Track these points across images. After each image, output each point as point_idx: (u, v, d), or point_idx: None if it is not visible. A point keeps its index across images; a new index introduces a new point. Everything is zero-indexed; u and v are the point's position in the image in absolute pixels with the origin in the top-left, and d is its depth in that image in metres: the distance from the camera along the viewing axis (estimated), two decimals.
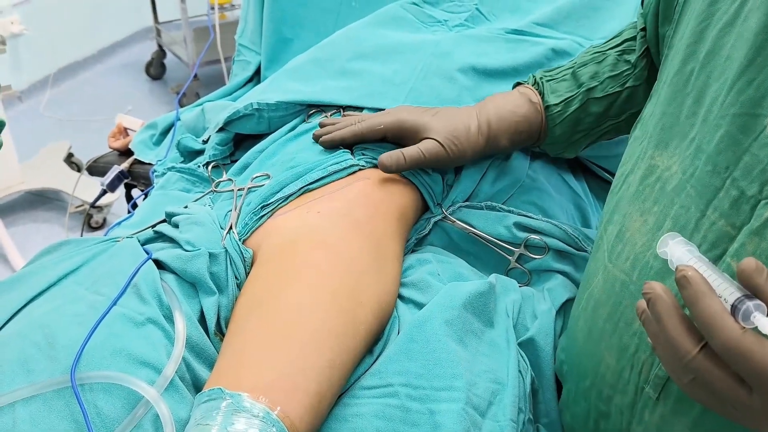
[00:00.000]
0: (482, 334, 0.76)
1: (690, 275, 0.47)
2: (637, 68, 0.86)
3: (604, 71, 0.87)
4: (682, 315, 0.49)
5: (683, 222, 0.58)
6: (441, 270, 0.84)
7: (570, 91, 0.87)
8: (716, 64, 0.59)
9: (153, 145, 1.32)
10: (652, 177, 0.64)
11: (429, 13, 1.14)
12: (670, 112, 0.64)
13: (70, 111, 3.40)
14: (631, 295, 0.63)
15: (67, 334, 0.65)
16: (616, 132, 0.91)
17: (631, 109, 0.87)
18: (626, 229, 0.66)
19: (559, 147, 0.91)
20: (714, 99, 0.58)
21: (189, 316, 0.71)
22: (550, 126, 0.88)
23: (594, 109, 0.87)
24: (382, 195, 0.85)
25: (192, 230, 0.78)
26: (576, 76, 0.88)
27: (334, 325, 0.68)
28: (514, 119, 0.87)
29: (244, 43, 1.38)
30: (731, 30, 0.58)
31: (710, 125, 0.57)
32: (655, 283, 0.51)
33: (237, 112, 1.02)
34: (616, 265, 0.66)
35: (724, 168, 0.55)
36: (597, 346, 0.67)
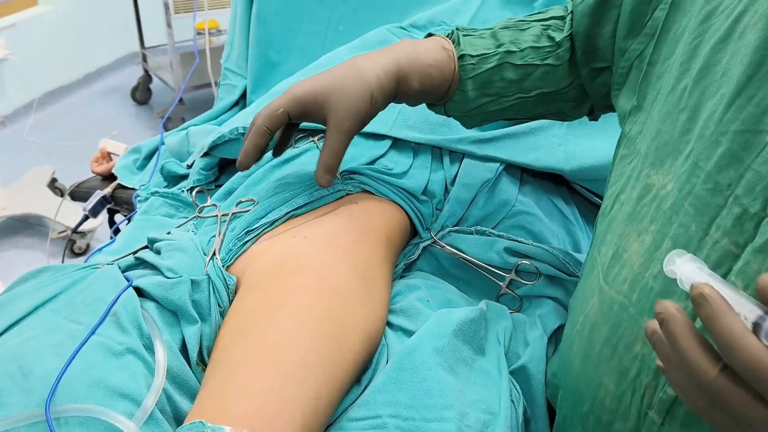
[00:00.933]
0: (473, 363, 0.74)
1: (707, 293, 0.45)
2: (561, 48, 0.82)
3: (526, 40, 0.83)
4: (698, 335, 0.47)
5: (684, 241, 0.57)
6: (430, 296, 0.82)
7: (487, 48, 0.83)
8: (711, 80, 0.58)
9: (137, 169, 1.31)
10: (648, 196, 0.63)
11: (416, 37, 1.14)
12: (665, 130, 0.63)
13: (55, 136, 3.38)
14: (631, 317, 0.62)
15: (42, 365, 0.63)
16: (520, 108, 0.86)
17: (543, 88, 0.84)
18: (623, 250, 0.65)
19: (464, 107, 0.85)
20: (710, 115, 0.57)
21: (170, 345, 0.68)
22: (462, 78, 0.83)
23: (508, 75, 0.83)
24: (369, 219, 0.84)
25: (174, 256, 0.76)
26: (496, 36, 0.84)
27: (319, 354, 0.66)
28: (426, 62, 0.81)
29: (229, 67, 1.37)
30: (725, 46, 0.58)
31: (707, 142, 0.56)
32: (667, 302, 0.48)
33: (222, 136, 1.01)
34: (613, 287, 0.65)
35: (725, 185, 0.54)
36: (595, 371, 0.66)
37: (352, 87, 0.79)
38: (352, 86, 0.79)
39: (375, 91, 0.80)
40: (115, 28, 3.96)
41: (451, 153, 0.99)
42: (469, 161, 0.98)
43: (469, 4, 1.15)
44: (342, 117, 0.79)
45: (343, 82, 0.79)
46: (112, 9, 3.85)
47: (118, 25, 3.94)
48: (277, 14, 1.28)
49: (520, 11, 1.15)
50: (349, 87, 0.79)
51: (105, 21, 3.89)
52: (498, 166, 0.98)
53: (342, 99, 0.79)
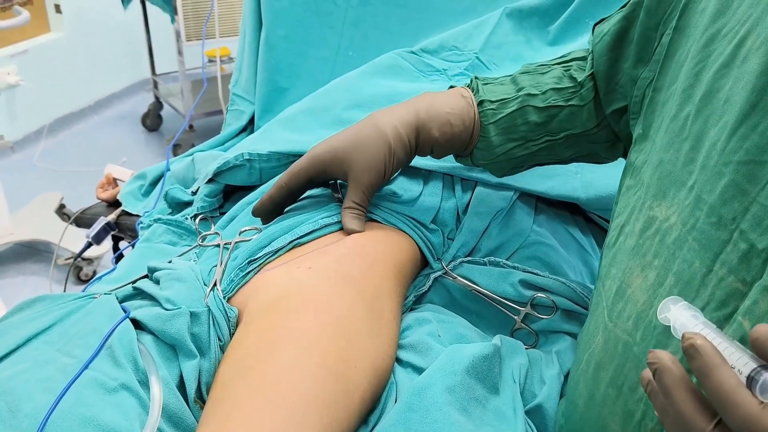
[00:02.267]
0: (487, 402, 0.70)
1: (699, 344, 0.43)
2: (584, 88, 0.81)
3: (547, 82, 0.82)
4: (692, 388, 0.44)
5: (687, 278, 0.54)
6: (442, 331, 0.78)
7: (507, 93, 0.83)
8: (714, 107, 0.55)
9: (141, 196, 1.29)
10: (651, 229, 0.60)
11: (427, 62, 1.11)
12: (668, 159, 0.60)
13: (64, 162, 3.38)
14: (635, 357, 0.58)
15: (31, 401, 0.60)
16: (549, 152, 0.84)
17: (570, 130, 0.82)
18: (626, 285, 0.62)
19: (490, 154, 0.84)
20: (713, 144, 0.54)
21: (167, 381, 0.65)
22: (484, 124, 0.82)
23: (532, 118, 0.81)
24: (377, 249, 0.80)
25: (173, 287, 0.73)
26: (516, 81, 0.84)
27: (324, 393, 0.62)
28: (445, 110, 0.82)
29: (237, 93, 1.35)
30: (728, 72, 0.55)
31: (711, 173, 0.53)
32: (661, 352, 0.46)
33: (227, 162, 0.98)
34: (618, 325, 0.61)
35: (730, 220, 0.51)
36: (599, 412, 0.62)
37: (370, 142, 0.81)
38: (370, 141, 0.81)
39: (393, 144, 0.81)
40: (127, 55, 3.99)
41: (463, 181, 0.96)
42: (482, 189, 0.95)
43: (481, 29, 1.13)
44: (360, 172, 0.81)
45: (360, 138, 0.81)
46: (124, 36, 3.88)
47: (129, 52, 3.97)
48: (286, 39, 1.27)
49: (533, 35, 1.13)
50: (366, 142, 0.81)
51: (116, 48, 3.91)
52: (512, 195, 0.95)
53: (360, 155, 0.81)
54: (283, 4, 1.27)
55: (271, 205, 0.86)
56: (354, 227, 0.81)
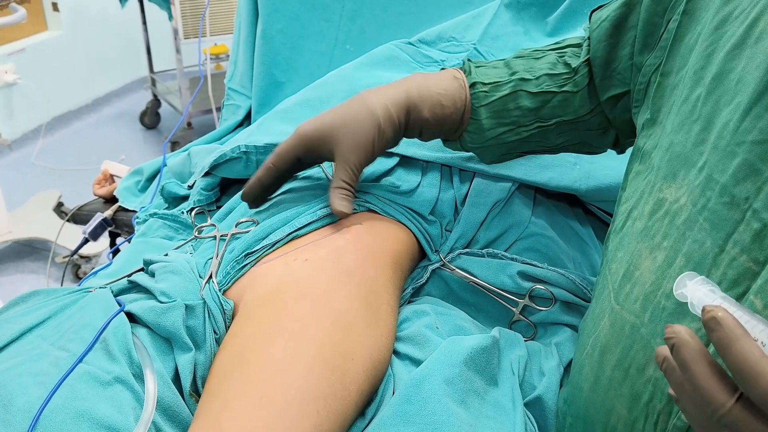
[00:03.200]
0: (485, 394, 0.69)
1: (720, 316, 0.41)
2: (578, 74, 0.80)
3: (541, 68, 0.81)
4: (712, 362, 0.43)
5: (698, 258, 0.53)
6: (440, 323, 0.77)
7: (500, 76, 0.81)
8: (726, 88, 0.55)
9: (138, 191, 1.28)
10: (660, 211, 0.59)
11: (425, 53, 1.10)
12: (678, 141, 0.59)
13: (62, 160, 3.37)
14: (643, 339, 0.58)
15: (24, 395, 0.59)
16: (540, 138, 0.83)
17: (562, 116, 0.81)
18: (634, 268, 0.61)
19: (481, 138, 0.83)
20: (725, 125, 0.54)
21: (161, 374, 0.64)
22: (475, 106, 0.81)
23: (524, 103, 0.80)
24: (374, 241, 0.79)
25: (168, 280, 0.72)
26: (509, 65, 0.83)
27: (320, 385, 0.61)
28: (436, 91, 0.80)
29: (233, 87, 1.34)
30: (740, 53, 0.54)
31: (722, 152, 0.53)
32: (678, 326, 0.44)
33: (224, 155, 0.97)
34: (625, 307, 0.61)
35: (743, 199, 0.51)
36: (606, 395, 0.62)
37: (358, 120, 0.79)
38: (359, 120, 0.79)
39: (383, 123, 0.79)
40: (125, 53, 3.98)
41: (462, 172, 0.95)
42: (480, 180, 0.94)
43: (479, 20, 1.12)
44: (348, 150, 0.79)
45: (349, 116, 0.79)
46: (122, 34, 3.87)
47: (127, 50, 3.96)
48: (283, 33, 1.26)
49: (531, 26, 1.12)
50: (355, 121, 0.79)
51: (114, 46, 3.90)
52: (510, 186, 0.94)
53: (348, 133, 0.78)
54: None
55: (259, 187, 0.83)
56: (342, 208, 0.79)
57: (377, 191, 0.88)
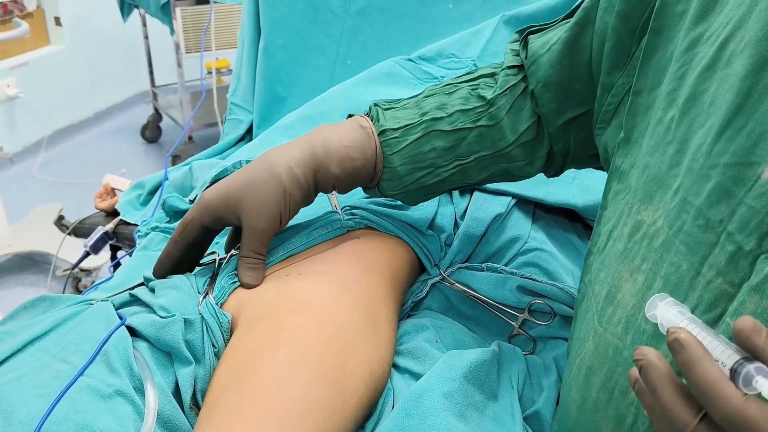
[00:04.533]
0: (485, 408, 0.69)
1: (683, 338, 0.43)
2: (494, 107, 0.78)
3: (453, 103, 0.79)
4: (677, 383, 0.44)
5: (675, 281, 0.54)
6: (439, 336, 0.78)
7: (410, 118, 0.79)
8: (699, 110, 0.55)
9: (140, 205, 1.29)
10: (638, 233, 0.60)
11: (425, 69, 1.12)
12: (653, 163, 0.60)
13: (64, 174, 3.38)
14: (625, 362, 0.58)
15: (25, 408, 0.59)
16: (462, 175, 0.80)
17: (480, 152, 0.79)
18: (616, 290, 0.61)
19: (398, 185, 0.80)
20: (698, 147, 0.54)
21: (162, 388, 0.64)
22: (387, 154, 0.78)
23: (439, 144, 0.78)
24: (373, 255, 0.80)
25: (167, 294, 0.73)
26: (419, 104, 0.80)
27: (320, 398, 0.61)
28: (343, 144, 0.77)
29: (236, 102, 1.35)
30: (712, 75, 0.55)
31: (697, 175, 0.53)
32: (646, 348, 0.46)
33: (225, 170, 0.98)
34: (608, 329, 0.61)
35: (717, 222, 0.51)
36: (592, 417, 0.62)
37: (263, 186, 0.76)
38: (264, 185, 0.76)
39: (288, 187, 0.76)
40: (126, 67, 4.00)
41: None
42: (480, 195, 0.95)
43: (478, 36, 1.14)
44: (254, 218, 0.76)
45: (254, 182, 0.76)
46: (124, 48, 3.89)
47: (129, 64, 3.98)
48: (285, 48, 1.27)
49: None
50: (259, 186, 0.76)
51: (116, 60, 3.92)
52: (509, 201, 0.94)
53: (253, 200, 0.75)
54: (281, 14, 1.27)
55: (169, 262, 0.79)
56: (250, 280, 0.75)
57: (374, 207, 0.88)
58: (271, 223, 0.76)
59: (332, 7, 1.26)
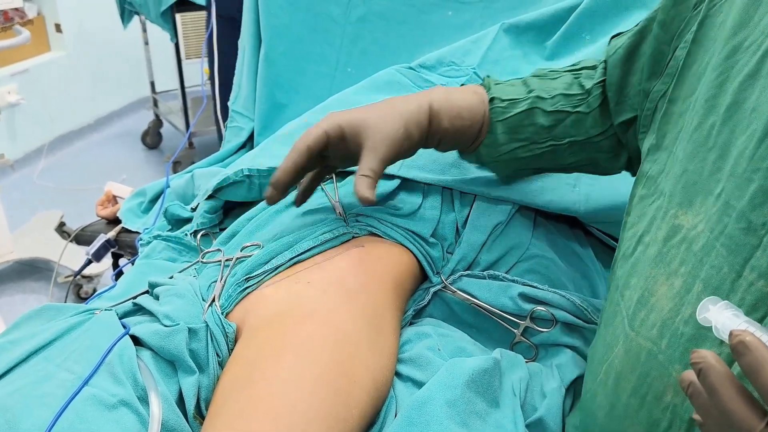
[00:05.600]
0: (487, 416, 0.69)
1: (749, 340, 0.42)
2: (591, 95, 0.83)
3: (556, 87, 0.84)
4: (739, 386, 0.43)
5: (716, 283, 0.54)
6: (441, 344, 0.78)
7: (518, 94, 0.84)
8: (741, 117, 0.56)
9: (141, 213, 1.29)
10: (676, 237, 0.60)
11: (425, 77, 1.12)
12: (692, 169, 0.60)
13: (64, 180, 3.38)
14: (660, 365, 0.58)
15: (30, 418, 0.59)
16: (553, 156, 0.85)
17: (575, 136, 0.84)
18: (650, 294, 0.61)
19: (495, 152, 0.86)
20: (741, 152, 0.55)
21: (166, 397, 0.65)
22: (493, 120, 0.84)
23: (539, 120, 0.83)
24: (376, 263, 0.80)
25: (172, 303, 0.73)
26: (526, 83, 0.86)
27: (323, 407, 0.62)
28: (457, 103, 0.83)
29: (237, 109, 1.35)
30: (755, 82, 0.56)
31: (739, 179, 0.54)
32: (705, 351, 0.45)
33: (227, 178, 0.99)
34: (640, 333, 0.61)
35: (760, 225, 0.51)
36: (621, 424, 0.62)
37: (388, 118, 0.81)
38: (389, 117, 0.81)
39: (410, 124, 0.81)
40: (127, 73, 4.01)
41: (462, 194, 0.96)
42: (481, 203, 0.95)
43: (479, 44, 1.14)
44: (378, 141, 0.79)
45: (378, 114, 0.81)
46: (124, 54, 3.90)
47: (129, 71, 3.99)
48: (285, 55, 1.27)
49: (530, 50, 1.14)
50: (385, 118, 0.81)
51: (116, 66, 3.93)
52: (511, 208, 0.94)
53: (378, 126, 0.80)
54: (282, 21, 1.27)
55: (295, 171, 0.81)
56: (368, 195, 0.76)
57: (379, 214, 0.89)
58: (393, 150, 0.80)
59: (333, 14, 1.27)
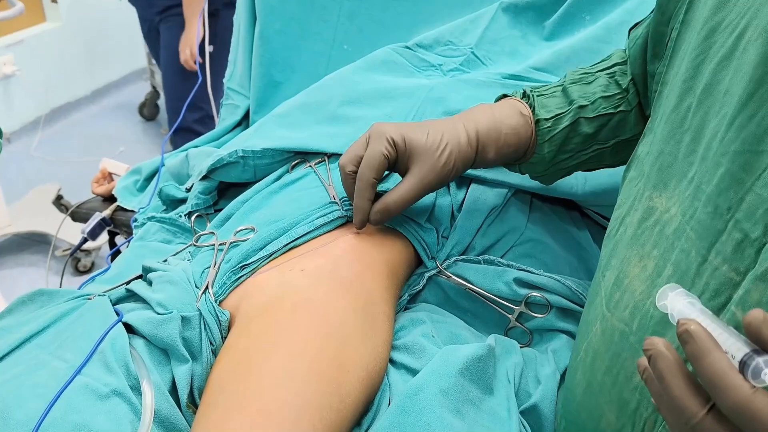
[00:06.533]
0: (481, 403, 0.69)
1: (693, 329, 0.43)
2: (629, 93, 0.82)
3: (594, 91, 0.83)
4: (686, 373, 0.45)
5: (684, 267, 0.54)
6: (436, 331, 0.78)
7: (560, 107, 0.82)
8: (714, 99, 0.55)
9: (137, 191, 1.28)
10: (650, 219, 0.60)
11: (422, 57, 1.10)
12: (668, 150, 0.60)
13: (62, 152, 3.36)
14: (631, 347, 0.58)
15: (23, 408, 0.59)
16: (598, 160, 0.85)
17: (619, 136, 0.83)
18: (624, 276, 0.62)
19: (541, 168, 0.85)
20: (713, 135, 0.54)
21: (159, 386, 0.64)
22: (539, 142, 0.82)
23: (584, 130, 0.82)
24: (371, 250, 0.80)
25: (165, 290, 0.73)
26: (566, 92, 0.84)
27: (316, 399, 0.62)
28: (504, 131, 0.81)
29: (232, 87, 1.34)
30: (729, 64, 0.55)
31: (710, 163, 0.54)
32: (656, 338, 0.46)
33: (221, 159, 0.98)
34: (615, 314, 0.61)
35: (725, 209, 0.51)
36: (596, 401, 0.62)
37: (439, 148, 0.78)
38: (440, 148, 0.78)
39: (458, 161, 0.79)
40: (124, 44, 3.96)
41: (458, 178, 0.95)
42: (477, 187, 0.94)
43: (476, 23, 1.12)
44: (426, 172, 0.78)
45: (432, 140, 0.78)
46: (121, 25, 3.84)
47: (126, 41, 3.94)
48: (281, 33, 1.25)
49: (529, 30, 1.12)
50: (434, 147, 0.78)
51: (113, 37, 3.89)
52: (507, 192, 0.94)
53: (428, 153, 0.78)
54: None
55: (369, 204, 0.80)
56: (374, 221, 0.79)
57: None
58: (436, 180, 0.79)
59: None
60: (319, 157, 0.96)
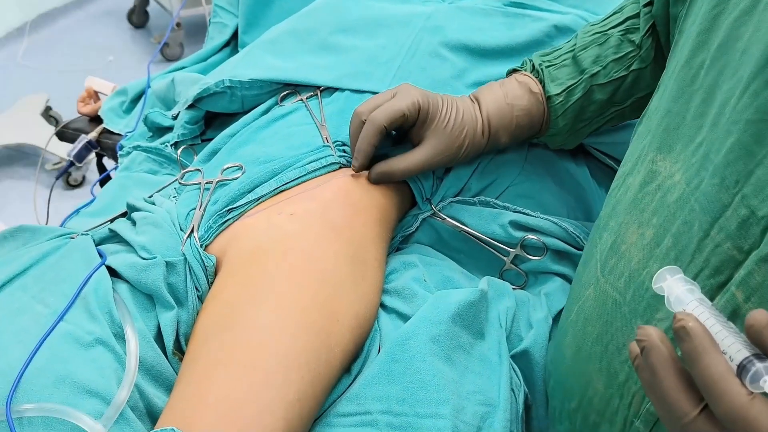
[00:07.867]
0: (471, 349, 0.69)
1: (690, 327, 0.40)
2: (643, 49, 0.79)
3: (607, 54, 0.80)
4: (680, 369, 0.42)
5: (685, 241, 0.51)
6: (428, 275, 0.76)
7: (572, 78, 0.80)
8: (730, 58, 0.51)
9: (123, 113, 1.25)
10: (652, 184, 0.57)
11: None
12: (676, 110, 0.56)
13: (49, 60, 3.26)
14: (623, 318, 0.56)
15: (5, 356, 0.58)
16: (620, 118, 0.84)
17: (636, 94, 0.81)
18: (621, 241, 0.59)
19: (560, 139, 0.84)
20: (726, 100, 0.50)
21: (143, 333, 0.63)
22: (553, 118, 0.81)
23: (598, 97, 0.80)
24: (362, 194, 0.77)
25: (148, 232, 0.70)
26: (577, 61, 0.81)
27: (304, 350, 0.61)
28: (515, 113, 0.80)
29: (220, 4, 1.27)
30: (749, 19, 0.50)
31: (720, 130, 0.49)
32: (650, 328, 0.44)
33: (207, 89, 0.93)
34: (609, 281, 0.59)
35: (733, 182, 0.48)
36: (585, 367, 0.61)
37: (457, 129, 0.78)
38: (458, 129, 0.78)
39: (470, 148, 0.80)
40: None
41: None
42: None
43: None
44: (444, 148, 0.78)
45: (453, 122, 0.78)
46: None
47: None
48: None
49: None
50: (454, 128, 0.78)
51: None
52: None
53: (446, 132, 0.78)
54: None
55: (373, 152, 0.78)
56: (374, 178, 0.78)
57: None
58: (445, 161, 0.80)
59: None
60: (311, 90, 0.92)
